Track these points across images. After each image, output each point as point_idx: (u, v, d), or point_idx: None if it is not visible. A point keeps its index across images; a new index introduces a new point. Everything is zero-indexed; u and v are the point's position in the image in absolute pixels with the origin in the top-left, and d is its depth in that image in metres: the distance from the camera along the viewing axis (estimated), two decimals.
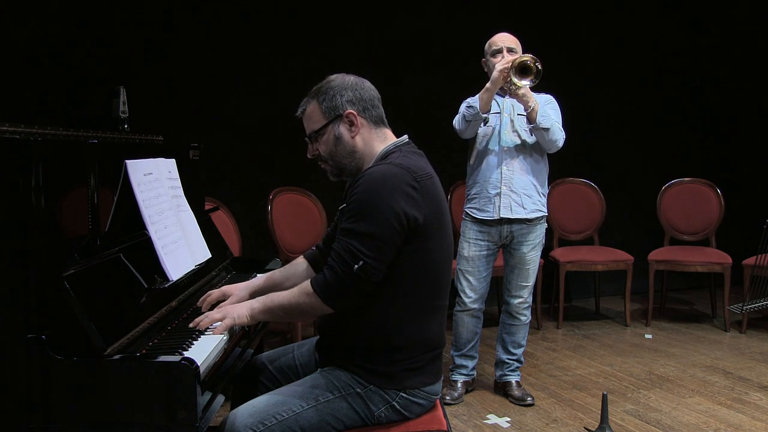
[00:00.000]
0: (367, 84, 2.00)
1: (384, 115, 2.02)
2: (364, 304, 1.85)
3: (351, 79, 1.98)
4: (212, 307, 2.11)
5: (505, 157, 3.36)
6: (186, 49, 4.35)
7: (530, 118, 3.26)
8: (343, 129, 1.95)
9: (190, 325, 1.97)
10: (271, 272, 2.30)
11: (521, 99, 3.25)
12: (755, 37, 5.96)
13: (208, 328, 1.97)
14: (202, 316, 1.97)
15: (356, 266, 1.77)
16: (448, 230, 1.97)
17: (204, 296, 2.18)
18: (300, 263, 2.27)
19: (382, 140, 1.98)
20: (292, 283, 2.12)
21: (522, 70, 3.18)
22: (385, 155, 1.94)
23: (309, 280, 1.87)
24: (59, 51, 3.94)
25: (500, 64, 3.21)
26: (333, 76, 1.99)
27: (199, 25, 4.41)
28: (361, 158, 1.97)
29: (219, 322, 1.94)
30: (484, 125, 3.38)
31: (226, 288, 2.21)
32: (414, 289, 1.88)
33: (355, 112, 1.94)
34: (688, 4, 5.81)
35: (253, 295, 2.18)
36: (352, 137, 1.95)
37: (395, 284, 1.85)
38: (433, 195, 1.88)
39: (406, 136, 2.03)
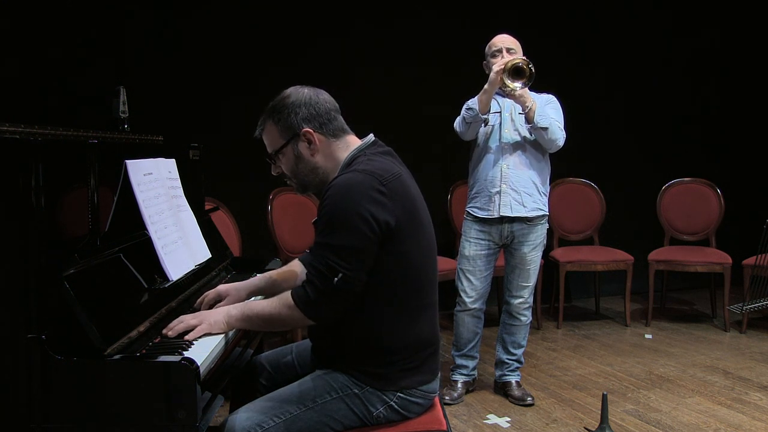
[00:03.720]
0: (323, 96, 1.96)
1: (343, 124, 1.98)
2: (351, 310, 1.83)
3: (305, 93, 1.94)
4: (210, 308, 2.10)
5: (505, 155, 3.37)
6: (186, 49, 4.35)
7: (528, 118, 3.27)
8: (302, 147, 1.92)
9: (164, 331, 1.90)
10: (270, 272, 2.29)
11: (518, 99, 3.26)
12: (755, 37, 5.96)
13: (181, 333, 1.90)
14: (176, 321, 1.92)
15: (336, 279, 1.75)
16: (426, 227, 1.94)
17: (201, 297, 2.15)
18: (297, 265, 2.26)
19: (345, 149, 1.95)
20: (289, 284, 2.10)
21: (515, 72, 3.20)
22: (350, 162, 1.90)
23: (289, 292, 1.84)
24: (59, 50, 3.94)
25: (496, 65, 3.23)
26: (288, 92, 1.96)
27: (199, 25, 4.41)
28: (324, 173, 1.94)
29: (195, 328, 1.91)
30: (484, 126, 3.39)
31: (222, 287, 2.15)
32: (398, 291, 1.86)
33: (311, 130, 1.91)
34: (688, 5, 5.81)
35: (250, 295, 2.18)
36: (312, 155, 1.93)
37: (378, 288, 1.83)
38: (403, 195, 1.85)
39: (371, 135, 2.00)
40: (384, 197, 1.79)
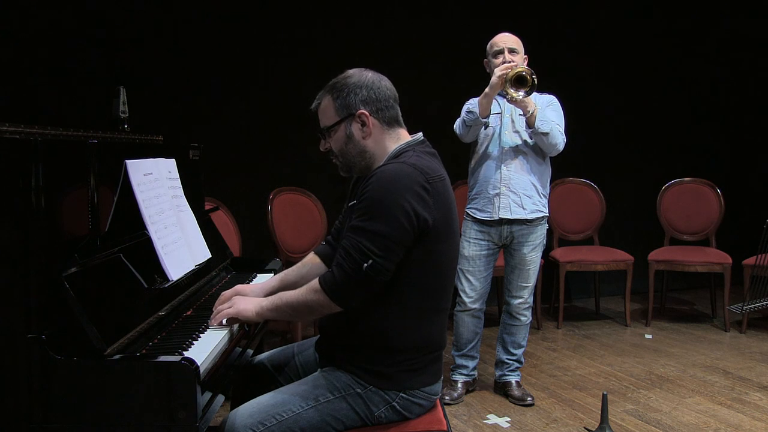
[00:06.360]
0: (385, 82, 1.97)
1: (399, 115, 1.99)
2: (368, 304, 1.84)
3: (368, 76, 1.95)
4: None
5: (505, 157, 3.36)
6: (186, 49, 4.35)
7: (529, 123, 3.27)
8: (354, 128, 1.93)
9: (210, 322, 2.00)
10: (285, 272, 2.25)
11: (519, 104, 3.25)
12: (755, 38, 5.96)
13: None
14: (215, 313, 2.00)
15: (365, 265, 1.76)
16: (456, 235, 1.96)
17: (219, 299, 2.12)
18: (312, 260, 2.24)
19: (395, 140, 1.96)
20: (306, 281, 2.10)
21: (518, 80, 3.19)
22: (398, 154, 1.92)
23: (317, 278, 1.86)
24: (59, 51, 3.94)
25: (499, 69, 3.20)
26: (351, 72, 1.96)
27: (199, 25, 4.41)
28: (371, 158, 1.95)
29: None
30: (485, 129, 3.39)
31: (239, 287, 2.17)
32: (419, 292, 1.87)
33: (367, 113, 1.91)
34: (688, 6, 5.81)
35: (267, 295, 2.16)
36: (364, 138, 1.93)
37: (400, 285, 1.84)
38: (444, 198, 1.87)
39: (420, 134, 2.01)
40: (427, 195, 1.81)
